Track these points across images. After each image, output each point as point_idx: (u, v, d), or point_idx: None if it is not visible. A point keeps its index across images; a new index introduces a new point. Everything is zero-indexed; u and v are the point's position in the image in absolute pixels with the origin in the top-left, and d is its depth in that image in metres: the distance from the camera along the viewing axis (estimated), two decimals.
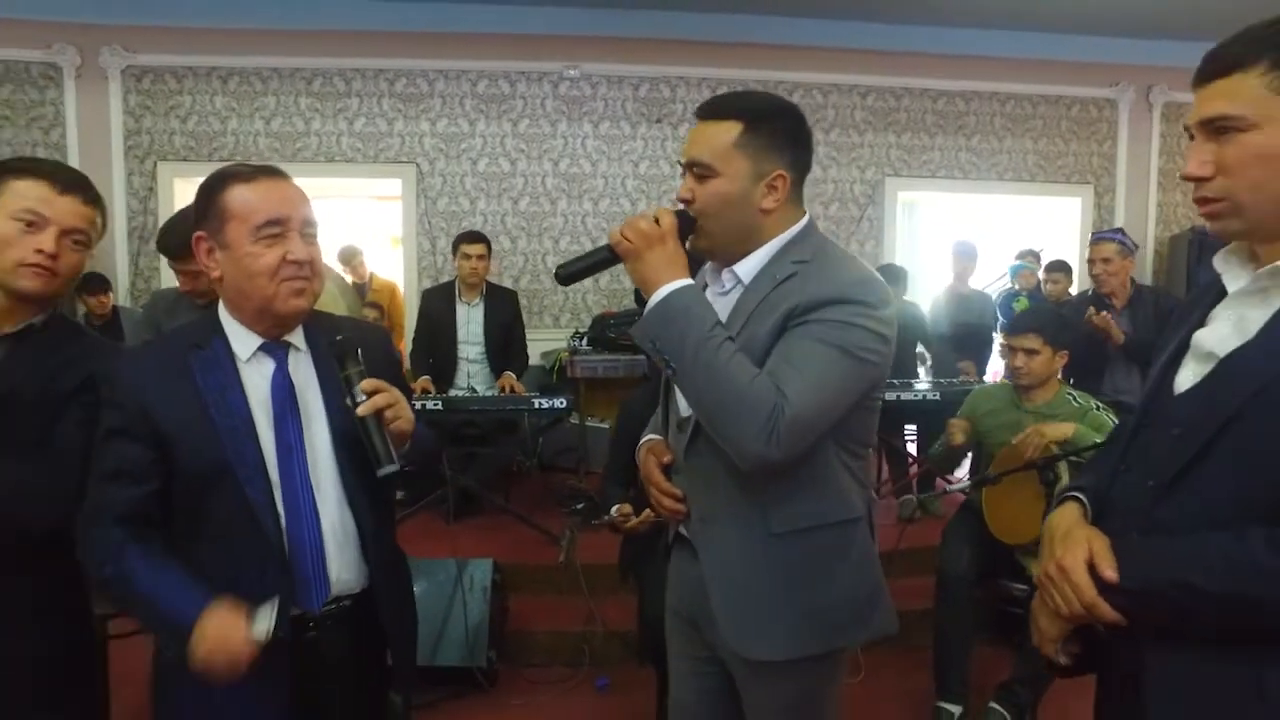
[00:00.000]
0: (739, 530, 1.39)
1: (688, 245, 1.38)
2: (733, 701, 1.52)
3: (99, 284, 5.07)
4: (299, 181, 1.41)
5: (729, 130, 1.35)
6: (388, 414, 1.30)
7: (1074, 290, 5.14)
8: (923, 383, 4.43)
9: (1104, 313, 3.63)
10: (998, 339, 5.08)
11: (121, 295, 5.54)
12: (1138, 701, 1.00)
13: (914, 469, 4.44)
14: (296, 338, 1.41)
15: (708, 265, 1.50)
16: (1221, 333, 1.01)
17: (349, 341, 1.34)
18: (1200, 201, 0.99)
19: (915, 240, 6.76)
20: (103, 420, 1.32)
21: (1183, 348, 1.06)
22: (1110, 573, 0.96)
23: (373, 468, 1.29)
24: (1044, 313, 3.19)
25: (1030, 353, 2.75)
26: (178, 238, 2.38)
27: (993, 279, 5.92)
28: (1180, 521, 0.97)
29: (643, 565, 2.71)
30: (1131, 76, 6.06)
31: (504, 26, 5.58)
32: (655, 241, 1.32)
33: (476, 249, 4.30)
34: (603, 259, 1.39)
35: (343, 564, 1.39)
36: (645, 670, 2.87)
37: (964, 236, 5.50)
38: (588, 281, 5.67)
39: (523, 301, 4.81)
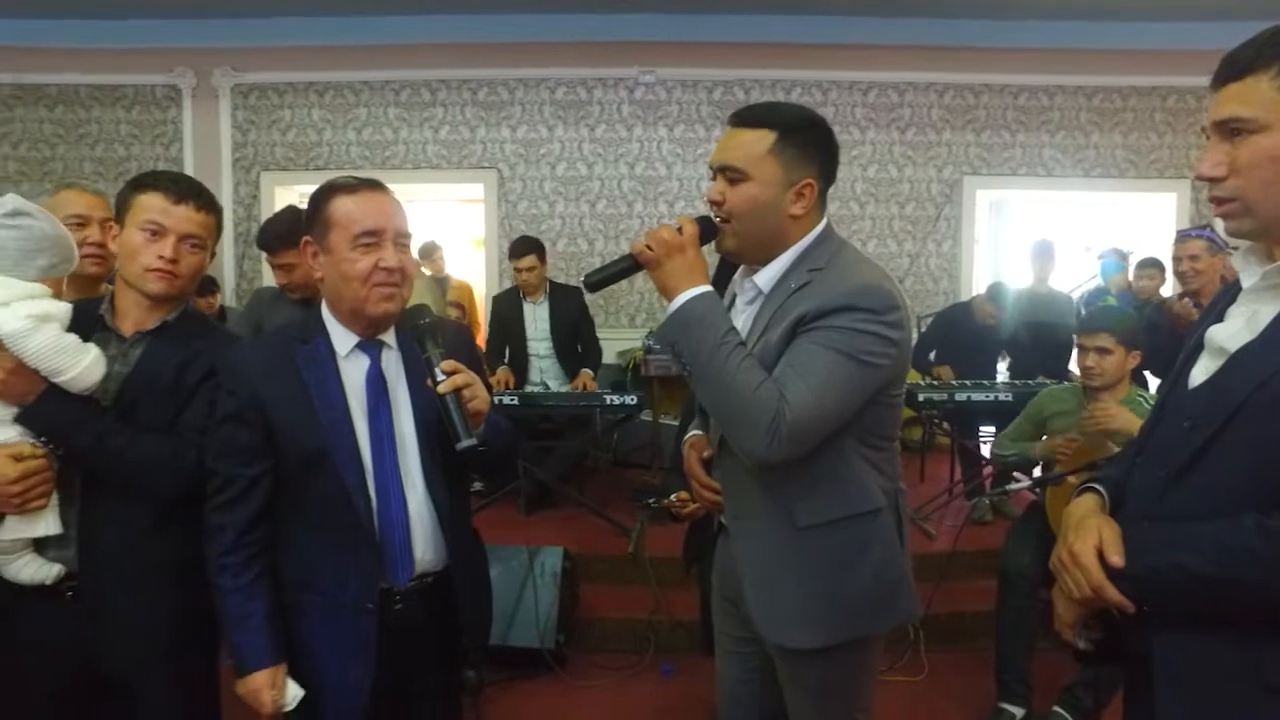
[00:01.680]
0: (766, 524, 1.48)
1: (716, 248, 1.46)
2: (774, 681, 1.60)
3: (208, 285, 5.46)
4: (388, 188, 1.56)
5: (764, 138, 1.42)
6: (465, 393, 1.41)
7: (1168, 290, 4.95)
8: (997, 384, 4.36)
9: (1185, 299, 3.51)
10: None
11: (228, 296, 5.95)
12: (1149, 685, 1.04)
13: (988, 471, 4.38)
14: (388, 336, 1.55)
15: (738, 275, 1.59)
16: (1234, 328, 1.04)
17: (430, 325, 1.47)
18: (1214, 201, 1.03)
19: (1002, 240, 6.61)
20: (220, 406, 1.50)
21: (1200, 343, 1.10)
22: (1116, 558, 1.01)
23: (452, 449, 1.42)
24: (1117, 311, 3.12)
25: (1102, 352, 2.71)
26: (274, 235, 2.60)
27: (1082, 279, 5.73)
28: (1187, 511, 1.02)
29: (707, 557, 2.81)
30: None
31: (580, 35, 5.74)
32: (676, 250, 1.40)
33: (526, 262, 4.44)
34: (627, 267, 1.47)
35: (426, 543, 1.53)
36: (708, 659, 2.96)
37: (1043, 235, 5.36)
38: None
39: (599, 301, 4.96)
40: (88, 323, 1.60)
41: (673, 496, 2.54)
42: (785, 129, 1.43)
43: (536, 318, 4.57)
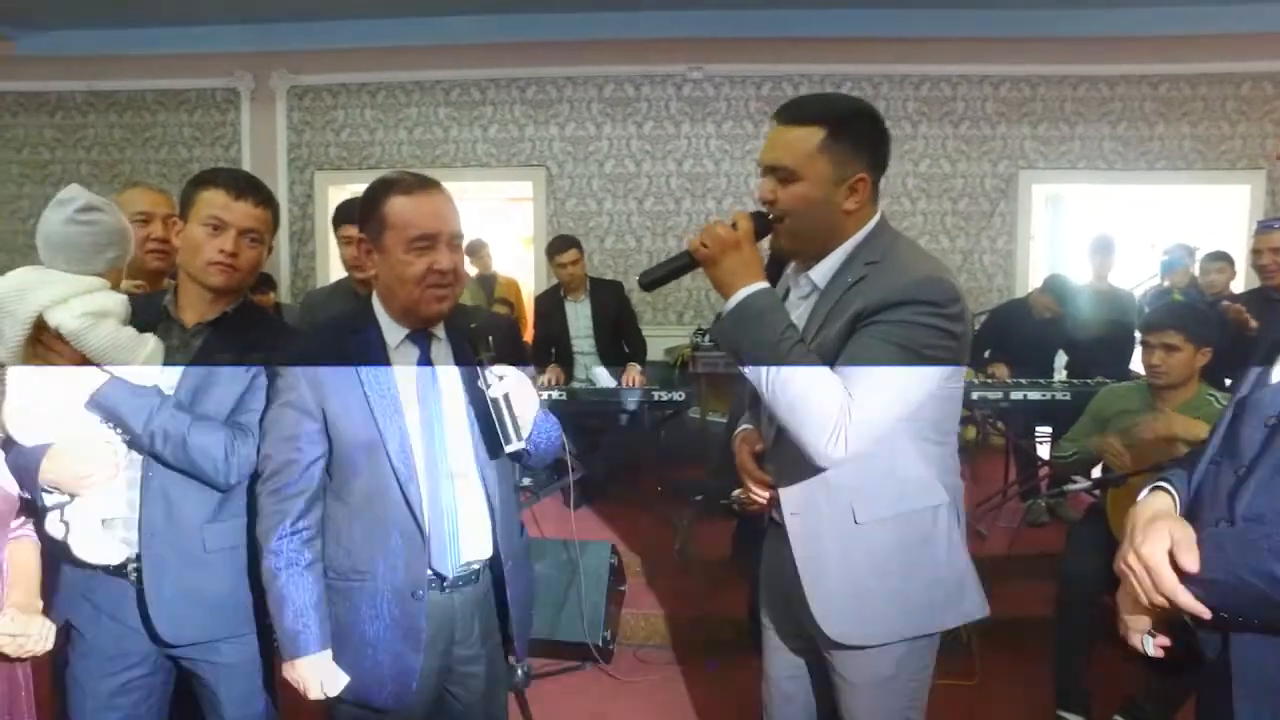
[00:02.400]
0: (824, 520, 1.45)
1: (769, 246, 1.44)
2: (823, 679, 1.58)
3: (264, 283, 5.58)
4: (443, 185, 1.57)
5: (812, 135, 1.39)
6: (514, 396, 1.44)
7: (1237, 285, 4.76)
8: (1054, 382, 4.24)
9: (1237, 304, 3.38)
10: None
11: (284, 293, 6.10)
12: (1225, 698, 1.00)
13: (1044, 472, 4.27)
14: (438, 328, 1.58)
15: (789, 270, 1.56)
16: None
17: (482, 330, 1.50)
18: None
19: (1059, 236, 6.42)
20: (276, 393, 1.54)
21: None
22: (1189, 561, 0.97)
23: (500, 445, 1.44)
24: (1184, 306, 3.01)
25: (1170, 349, 2.60)
26: (349, 209, 2.66)
27: (1144, 277, 5.54)
28: (1269, 512, 0.97)
29: (755, 553, 2.78)
30: None
31: (628, 32, 5.75)
32: (731, 247, 1.38)
33: (569, 256, 4.45)
34: (682, 265, 1.46)
35: (473, 533, 1.55)
36: (755, 657, 2.94)
37: (1102, 231, 5.20)
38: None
39: (647, 298, 4.95)
40: (152, 314, 1.65)
41: (736, 492, 2.54)
42: (834, 124, 1.39)
43: (579, 315, 4.58)
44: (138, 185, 2.30)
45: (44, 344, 1.53)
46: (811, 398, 1.30)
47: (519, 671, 2.89)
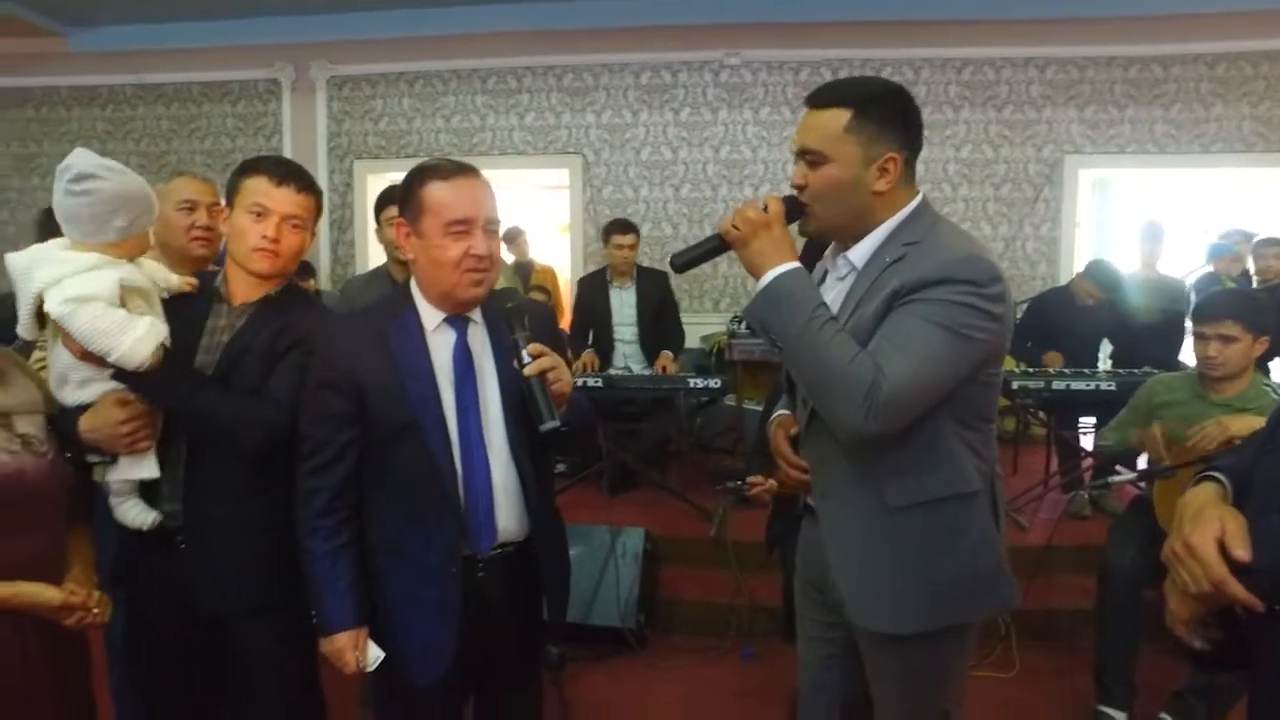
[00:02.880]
0: (856, 505, 1.44)
1: (799, 230, 1.43)
2: (858, 666, 1.57)
3: (304, 270, 5.68)
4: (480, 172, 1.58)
5: (838, 117, 1.38)
6: (550, 376, 1.45)
7: None
8: (1099, 372, 4.15)
9: None
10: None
11: (323, 280, 6.20)
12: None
13: (1087, 463, 4.18)
14: (475, 313, 1.59)
15: (829, 252, 1.55)
16: None
17: (518, 309, 1.51)
18: None
19: (1106, 222, 6.26)
20: (315, 373, 1.57)
21: None
22: (1241, 551, 0.94)
23: (535, 426, 1.45)
24: (1241, 294, 2.92)
25: (1227, 340, 2.52)
26: (393, 193, 2.70)
27: (1195, 264, 5.38)
28: None
29: (789, 541, 2.78)
30: None
31: (665, 18, 5.72)
32: (761, 228, 1.38)
33: (628, 239, 4.44)
34: (714, 247, 1.46)
35: (508, 513, 1.57)
36: (790, 645, 2.93)
37: (1152, 217, 5.06)
38: None
39: (684, 286, 4.94)
40: (205, 293, 1.71)
41: (747, 479, 2.54)
42: (860, 104, 1.38)
43: (623, 302, 4.58)
44: (183, 174, 2.33)
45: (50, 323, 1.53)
46: (841, 372, 1.29)
47: (554, 654, 2.93)
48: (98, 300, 1.49)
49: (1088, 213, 5.98)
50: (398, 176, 6.84)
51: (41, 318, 1.54)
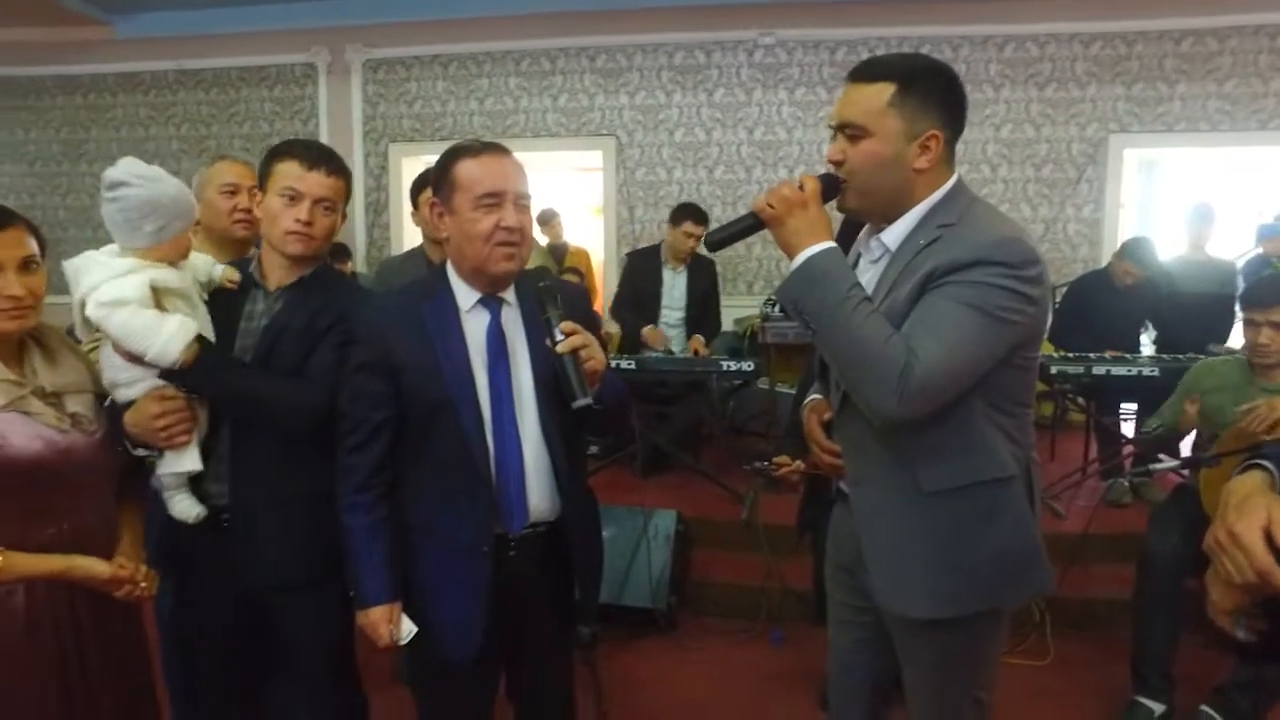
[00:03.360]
0: (890, 490, 1.43)
1: (837, 207, 1.42)
2: (889, 650, 1.57)
3: (340, 253, 5.77)
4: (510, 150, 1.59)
5: (882, 91, 1.36)
6: (582, 354, 1.46)
7: None
8: (1141, 357, 4.05)
9: None
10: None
11: (359, 263, 6.28)
12: None
13: (1127, 450, 4.10)
14: (508, 294, 1.61)
15: (861, 236, 1.53)
16: None
17: (551, 287, 1.53)
18: None
19: (1152, 203, 6.08)
20: (353, 355, 1.60)
21: None
22: None
23: (567, 404, 1.46)
24: None
25: (1279, 327, 2.47)
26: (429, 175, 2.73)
27: (1245, 247, 5.20)
28: None
29: (820, 525, 2.77)
30: None
31: None
32: (797, 207, 1.36)
33: (699, 230, 4.36)
34: (749, 225, 1.44)
35: (540, 493, 1.58)
36: (820, 629, 2.93)
37: (1202, 198, 4.90)
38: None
39: (717, 269, 4.91)
40: (241, 280, 1.75)
41: (774, 459, 2.54)
42: (905, 79, 1.36)
43: (675, 286, 4.55)
44: (224, 158, 2.38)
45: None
46: (874, 355, 1.28)
47: (585, 633, 2.97)
48: (130, 303, 1.54)
49: (1132, 194, 5.82)
50: (432, 159, 6.86)
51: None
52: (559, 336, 1.46)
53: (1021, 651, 2.96)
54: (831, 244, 1.36)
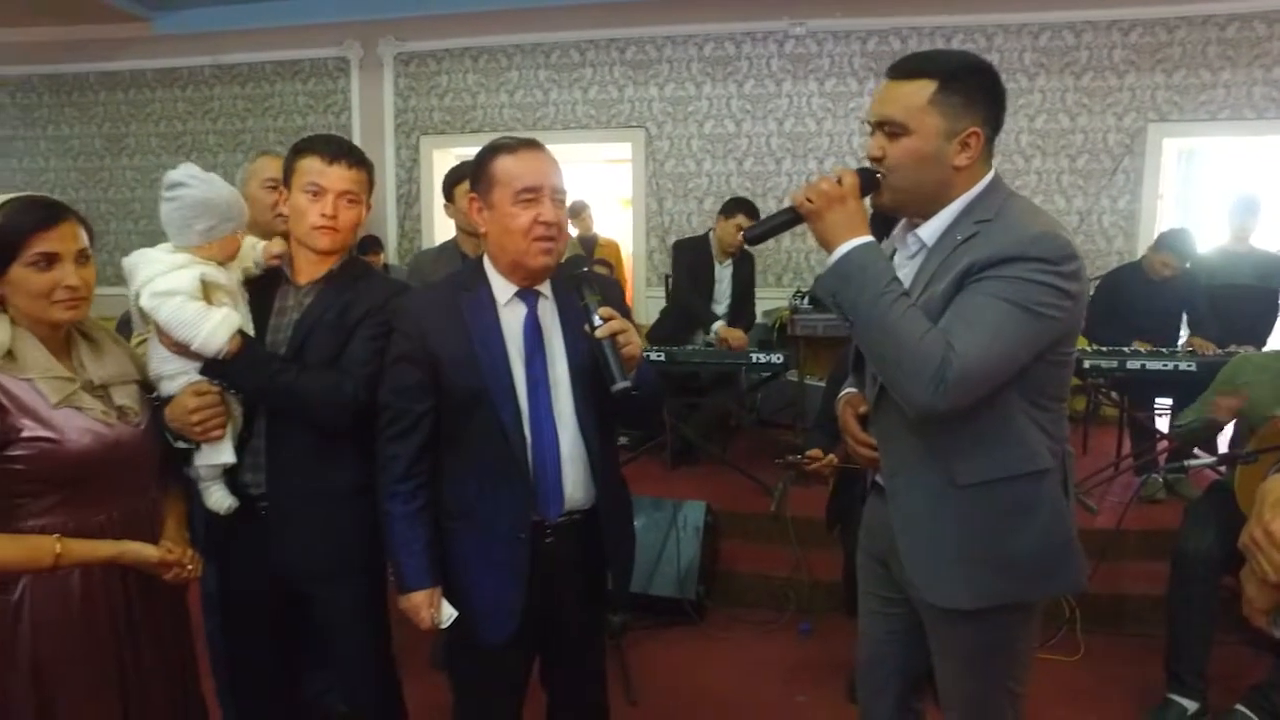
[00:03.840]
0: (925, 483, 1.44)
1: (871, 202, 1.43)
2: (920, 641, 1.58)
3: (372, 244, 5.85)
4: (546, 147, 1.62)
5: (923, 89, 1.36)
6: (620, 339, 1.49)
7: None
8: (1177, 351, 3.98)
9: None
10: None
11: (391, 254, 6.35)
12: None
13: (1162, 445, 4.04)
14: (545, 287, 1.64)
15: (896, 231, 1.54)
16: None
17: (588, 274, 1.57)
18: None
19: (1191, 194, 5.95)
20: (393, 346, 1.63)
21: None
22: None
23: (602, 394, 1.50)
24: None
25: None
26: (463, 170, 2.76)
27: None
28: None
29: (851, 517, 2.78)
30: None
31: None
32: (836, 201, 1.37)
33: (749, 223, 4.42)
34: (787, 220, 1.45)
35: (575, 481, 1.62)
36: (848, 621, 2.94)
37: (1246, 189, 4.79)
38: (811, 241, 5.67)
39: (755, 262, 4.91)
40: (271, 276, 1.79)
41: (806, 453, 2.56)
42: (946, 77, 1.36)
43: (723, 279, 4.55)
44: (267, 153, 2.40)
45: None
46: (911, 349, 1.29)
47: (615, 622, 3.00)
48: (180, 294, 1.62)
49: (1171, 184, 5.71)
50: (463, 151, 6.93)
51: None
52: (597, 322, 1.49)
53: (1052, 647, 2.95)
54: (869, 238, 1.37)
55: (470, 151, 6.87)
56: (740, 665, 3.00)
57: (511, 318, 1.61)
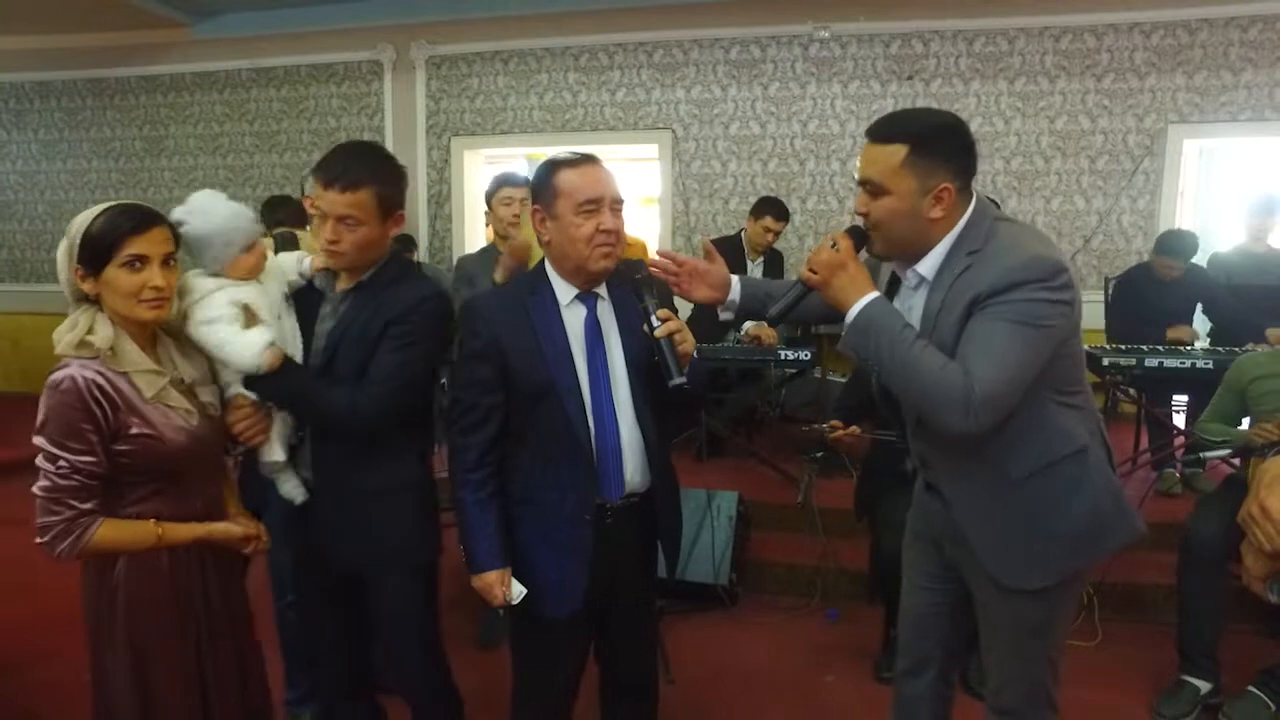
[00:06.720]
0: (984, 483, 1.61)
1: (868, 251, 1.60)
2: (961, 615, 1.74)
3: (406, 244, 5.99)
4: (568, 150, 1.76)
5: (896, 152, 1.51)
6: (676, 337, 1.64)
7: None
8: (1194, 349, 4.07)
9: None
10: None
11: (423, 253, 6.50)
12: None
13: (1179, 441, 4.13)
14: (602, 289, 1.79)
15: (897, 265, 1.69)
16: None
17: (648, 279, 1.71)
18: None
19: (1207, 194, 6.00)
20: (465, 345, 1.77)
21: None
22: None
23: (659, 387, 1.64)
24: None
25: None
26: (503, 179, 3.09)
27: None
28: None
29: (878, 506, 2.91)
30: None
31: None
32: (838, 269, 1.55)
33: (780, 226, 4.61)
34: (799, 294, 1.66)
35: (634, 467, 1.77)
36: (873, 607, 3.08)
37: (1265, 189, 4.85)
38: None
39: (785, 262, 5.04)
40: (318, 286, 1.92)
41: (830, 422, 2.72)
42: (916, 141, 1.50)
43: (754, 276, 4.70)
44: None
45: None
46: (935, 382, 1.44)
47: (661, 607, 3.14)
48: (217, 321, 1.72)
49: (1190, 184, 5.77)
50: (493, 153, 7.05)
51: None
52: (655, 323, 1.63)
53: (1071, 633, 3.04)
54: (876, 294, 1.54)
55: (500, 152, 7.06)
56: (771, 648, 3.14)
57: (573, 318, 1.75)
